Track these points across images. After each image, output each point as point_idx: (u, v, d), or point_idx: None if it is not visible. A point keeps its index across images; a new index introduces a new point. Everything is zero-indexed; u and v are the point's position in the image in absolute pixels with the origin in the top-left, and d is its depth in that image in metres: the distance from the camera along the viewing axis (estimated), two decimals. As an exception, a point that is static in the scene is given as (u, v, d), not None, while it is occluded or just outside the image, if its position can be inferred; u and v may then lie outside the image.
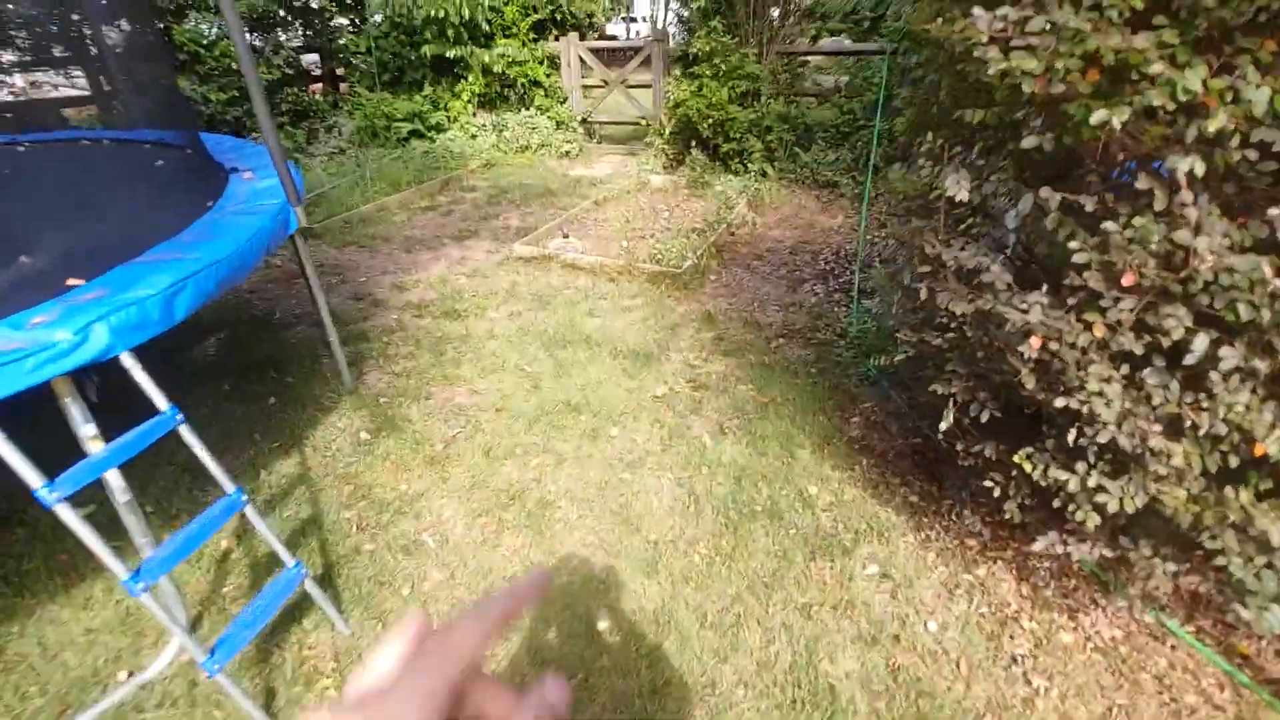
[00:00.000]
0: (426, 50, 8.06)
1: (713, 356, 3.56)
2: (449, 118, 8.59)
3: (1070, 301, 1.46)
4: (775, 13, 7.31)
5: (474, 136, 8.52)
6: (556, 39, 8.91)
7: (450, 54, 8.07)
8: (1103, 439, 1.47)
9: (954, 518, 2.38)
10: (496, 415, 3.08)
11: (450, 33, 7.88)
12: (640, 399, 3.18)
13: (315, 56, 9.42)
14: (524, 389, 3.27)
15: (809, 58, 8.00)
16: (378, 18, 8.60)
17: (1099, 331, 1.39)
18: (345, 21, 9.26)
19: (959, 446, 1.94)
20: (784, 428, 2.94)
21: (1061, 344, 1.49)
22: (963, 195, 1.56)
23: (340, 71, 9.33)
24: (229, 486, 1.81)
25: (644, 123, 8.37)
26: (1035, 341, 1.51)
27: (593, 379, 3.32)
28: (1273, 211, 1.24)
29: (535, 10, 8.64)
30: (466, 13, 7.68)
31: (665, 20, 27.30)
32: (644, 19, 31.09)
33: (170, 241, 2.08)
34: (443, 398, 3.22)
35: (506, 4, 8.25)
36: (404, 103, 8.29)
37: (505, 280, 4.57)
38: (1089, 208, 1.41)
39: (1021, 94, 1.48)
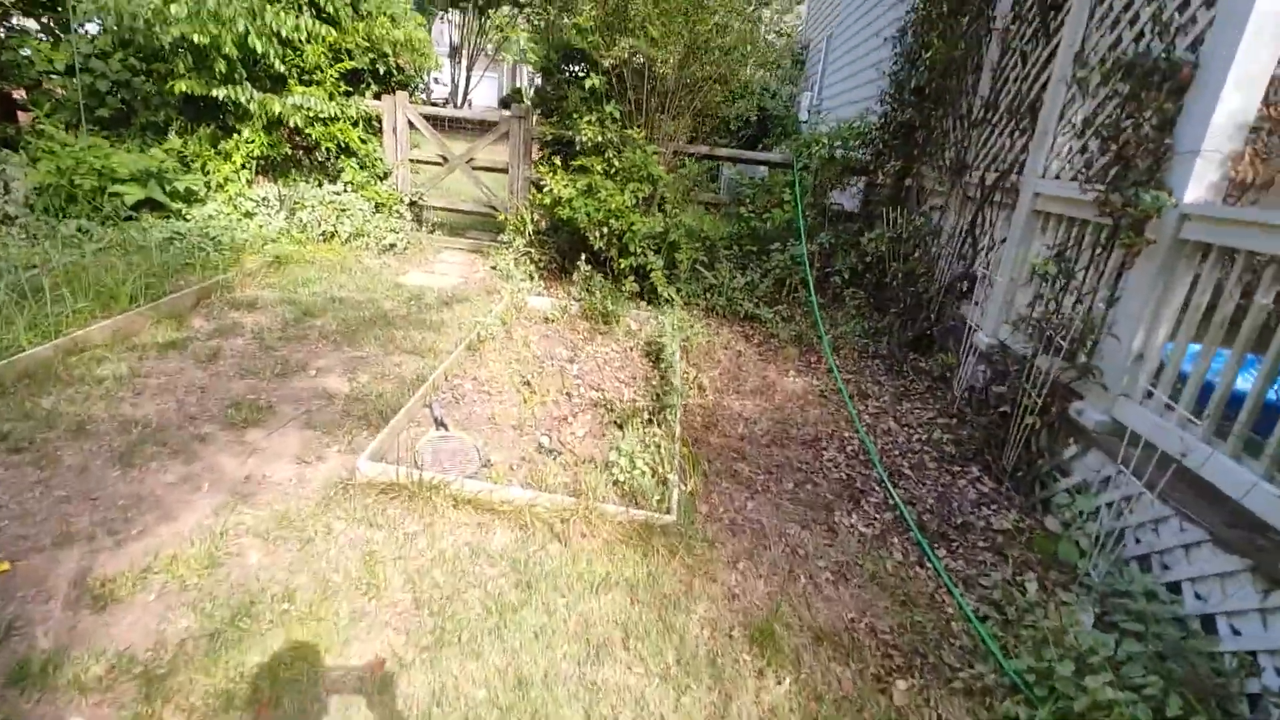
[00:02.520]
0: (177, 85, 5.41)
1: (830, 766, 1.81)
2: (210, 184, 5.89)
3: None
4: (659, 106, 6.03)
5: (249, 215, 5.92)
6: (377, 96, 6.77)
7: (218, 94, 5.52)
8: None
9: None
10: None
11: (220, 66, 5.37)
12: None
13: (-28, 67, 6.11)
14: None
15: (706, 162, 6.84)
16: (91, 27, 5.73)
17: None
18: (34, 25, 6.16)
19: None
20: None
21: None
22: None
23: (19, 94, 6.13)
24: None
25: (498, 214, 6.52)
26: None
27: None
28: None
29: (349, 56, 6.44)
30: (257, 45, 5.27)
31: (469, 85, 25.54)
32: (435, 80, 29.02)
33: None
34: None
35: (307, 41, 5.96)
36: (132, 154, 5.47)
37: (347, 547, 2.36)
38: None
39: None
